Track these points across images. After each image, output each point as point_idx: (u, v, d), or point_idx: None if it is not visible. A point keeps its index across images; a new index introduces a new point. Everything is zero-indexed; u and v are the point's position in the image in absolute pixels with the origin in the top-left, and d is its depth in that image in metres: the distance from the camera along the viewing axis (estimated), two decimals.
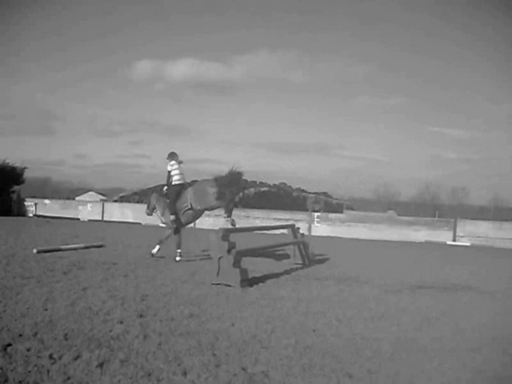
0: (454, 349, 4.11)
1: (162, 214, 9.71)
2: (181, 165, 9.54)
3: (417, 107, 68.80)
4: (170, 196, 9.44)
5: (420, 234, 18.36)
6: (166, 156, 9.57)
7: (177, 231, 9.40)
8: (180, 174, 9.45)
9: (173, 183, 9.40)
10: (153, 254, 9.27)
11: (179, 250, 9.24)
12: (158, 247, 9.35)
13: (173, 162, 9.46)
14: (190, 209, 9.21)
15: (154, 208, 9.91)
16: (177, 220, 9.30)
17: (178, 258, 9.15)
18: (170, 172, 9.41)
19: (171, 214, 9.30)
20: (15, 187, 23.75)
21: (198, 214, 9.53)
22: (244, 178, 9.39)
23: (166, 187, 9.70)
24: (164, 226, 10.02)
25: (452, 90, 65.59)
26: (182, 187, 9.38)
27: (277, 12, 67.64)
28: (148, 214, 10.16)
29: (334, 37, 68.61)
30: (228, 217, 8.87)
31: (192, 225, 20.44)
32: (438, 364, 3.69)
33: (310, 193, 35.50)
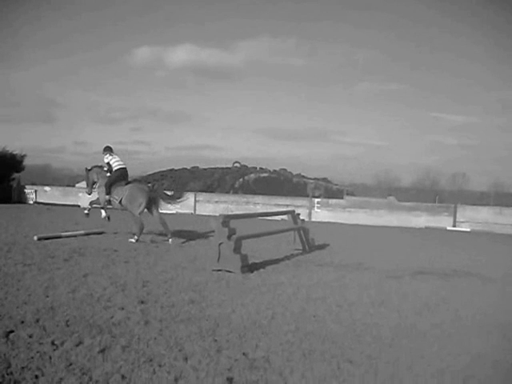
0: (454, 334, 4.13)
1: (99, 187, 10.09)
2: (116, 156, 10.14)
3: (416, 93, 68.55)
4: (110, 178, 9.89)
5: (420, 220, 18.39)
6: (102, 150, 10.19)
7: (100, 204, 9.99)
8: (117, 160, 10.03)
9: (114, 168, 9.96)
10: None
11: (104, 212, 10.05)
12: (103, 213, 10.13)
13: (107, 155, 10.09)
14: (120, 203, 9.77)
15: (94, 183, 10.26)
16: (108, 201, 9.88)
17: (103, 215, 10.09)
18: (108, 163, 10.04)
19: (106, 194, 9.81)
20: (15, 174, 23.70)
21: (123, 208, 9.96)
22: (244, 164, 9.65)
23: (108, 173, 10.14)
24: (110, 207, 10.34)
25: (451, 77, 65.24)
26: (125, 171, 9.99)
27: None
28: (88, 193, 10.55)
29: (334, 24, 67.99)
30: (168, 235, 9.65)
31: (192, 211, 20.56)
32: (437, 350, 3.71)
33: (311, 179, 35.50)
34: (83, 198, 22.17)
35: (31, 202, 22.37)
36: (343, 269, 7.38)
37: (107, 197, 9.78)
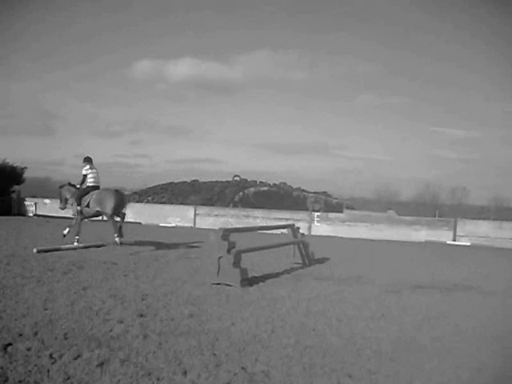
0: (454, 348, 4.11)
1: (72, 204, 10.84)
2: (95, 170, 10.73)
3: (417, 107, 68.75)
4: (80, 191, 10.63)
5: (420, 234, 18.35)
6: (82, 160, 10.70)
7: (78, 220, 10.61)
8: (94, 176, 10.67)
9: (87, 184, 10.65)
10: (64, 235, 10.52)
11: (68, 229, 10.64)
12: (68, 229, 10.66)
13: (87, 167, 10.61)
14: (87, 206, 10.40)
15: (67, 199, 11.01)
16: (80, 211, 10.52)
17: (65, 232, 10.62)
18: (85, 175, 10.61)
19: (77, 205, 10.53)
20: (15, 187, 23.72)
21: (93, 214, 10.59)
22: (244, 177, 9.86)
23: (78, 186, 10.85)
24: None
25: (452, 90, 65.56)
26: (94, 188, 10.57)
27: (278, 11, 67.54)
28: (62, 208, 11.29)
29: (335, 36, 68.56)
30: (118, 236, 10.07)
31: (192, 224, 20.56)
32: (437, 363, 3.69)
33: (310, 192, 35.52)
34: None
35: (31, 215, 22.36)
36: (343, 283, 7.36)
37: (79, 208, 10.46)
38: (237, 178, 33.48)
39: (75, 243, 10.32)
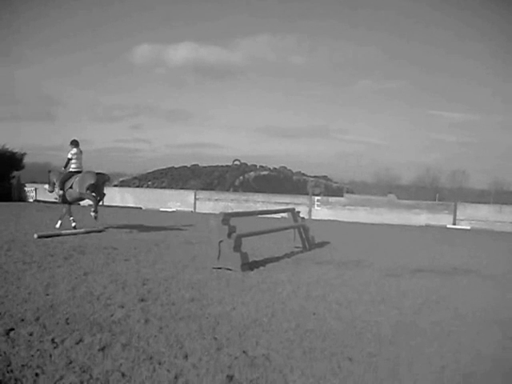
0: (454, 332, 4.14)
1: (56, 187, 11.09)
2: (81, 154, 10.97)
3: (416, 91, 68.12)
4: (63, 176, 10.85)
5: (420, 218, 18.38)
6: (69, 143, 10.90)
7: (64, 203, 10.97)
8: (78, 161, 10.86)
9: (70, 169, 10.84)
10: (57, 229, 10.45)
11: (60, 221, 10.82)
12: (60, 222, 10.79)
13: (74, 150, 10.81)
14: (70, 188, 10.57)
15: (54, 183, 11.13)
16: (63, 195, 10.76)
17: (57, 226, 10.71)
18: (70, 159, 10.80)
19: (60, 190, 10.76)
20: (15, 173, 23.69)
21: (77, 196, 10.67)
22: (244, 162, 9.87)
23: (63, 169, 11.12)
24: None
25: (450, 74, 64.89)
26: (77, 173, 10.71)
27: None
28: (50, 191, 11.46)
29: (334, 21, 67.59)
30: (94, 212, 10.31)
31: (192, 209, 20.57)
32: (437, 347, 3.71)
33: (311, 176, 35.43)
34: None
35: (31, 200, 22.38)
36: (343, 266, 7.39)
37: (61, 192, 10.73)
38: (237, 163, 33.36)
39: (57, 225, 10.71)
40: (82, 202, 12.28)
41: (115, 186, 28.13)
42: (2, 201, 20.49)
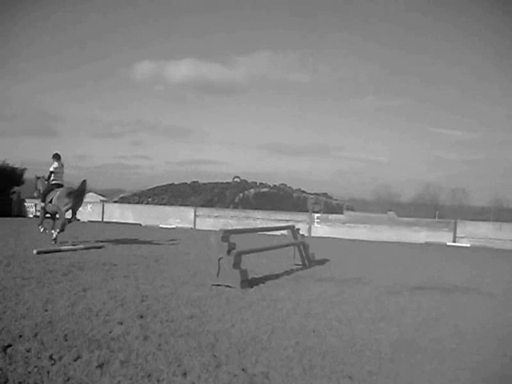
0: (454, 350, 4.11)
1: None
2: (62, 168, 11.49)
3: (418, 108, 69.03)
4: (45, 189, 11.33)
5: (420, 235, 18.35)
6: (51, 156, 11.40)
7: (43, 214, 11.74)
8: (58, 175, 11.37)
9: (51, 182, 11.29)
10: (54, 239, 10.87)
11: (42, 228, 11.67)
12: (54, 233, 11.06)
13: (56, 164, 11.28)
14: (50, 202, 11.09)
15: (39, 191, 11.64)
16: (44, 208, 11.43)
17: (41, 229, 11.65)
18: (51, 172, 11.27)
19: (42, 202, 11.40)
20: (15, 188, 23.74)
21: (55, 210, 11.18)
22: (244, 179, 10.09)
23: (45, 181, 11.52)
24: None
25: (453, 92, 65.67)
26: (58, 186, 11.23)
27: (279, 13, 67.67)
28: (37, 197, 12.02)
29: (336, 38, 68.80)
30: (58, 231, 10.88)
31: (192, 225, 20.55)
32: (437, 365, 3.69)
33: (311, 194, 35.50)
34: (83, 213, 22.24)
35: (31, 216, 22.36)
36: (343, 284, 7.36)
37: (42, 204, 11.33)
38: (237, 180, 33.47)
39: (41, 229, 11.55)
40: (81, 218, 12.62)
41: (115, 202, 28.13)
42: (2, 216, 20.47)
